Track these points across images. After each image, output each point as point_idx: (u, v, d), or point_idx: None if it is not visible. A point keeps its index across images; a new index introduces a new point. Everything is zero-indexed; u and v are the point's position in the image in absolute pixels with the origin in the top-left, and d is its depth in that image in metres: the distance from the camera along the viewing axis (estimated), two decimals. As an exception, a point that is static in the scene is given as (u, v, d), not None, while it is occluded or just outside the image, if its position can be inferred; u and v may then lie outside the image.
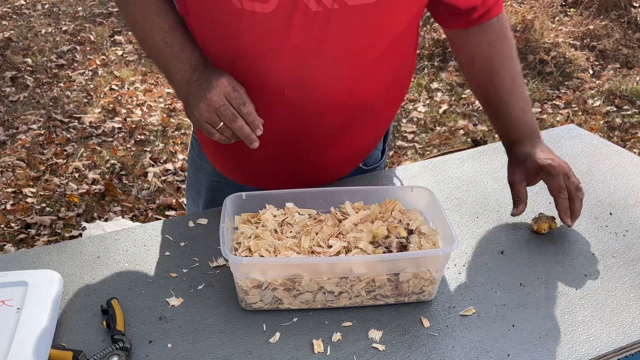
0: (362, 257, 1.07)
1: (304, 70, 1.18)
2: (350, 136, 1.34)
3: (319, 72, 1.19)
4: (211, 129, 1.15)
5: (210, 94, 1.12)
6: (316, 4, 1.10)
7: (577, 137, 1.68)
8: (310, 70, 1.18)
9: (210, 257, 1.21)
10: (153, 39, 1.21)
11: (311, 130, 1.29)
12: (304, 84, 1.19)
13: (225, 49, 1.20)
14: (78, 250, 1.25)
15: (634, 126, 3.95)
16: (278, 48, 1.15)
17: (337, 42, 1.15)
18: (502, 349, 1.01)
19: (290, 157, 1.35)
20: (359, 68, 1.21)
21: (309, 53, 1.16)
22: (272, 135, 1.23)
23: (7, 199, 3.23)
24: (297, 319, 1.07)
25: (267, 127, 1.17)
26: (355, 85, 1.24)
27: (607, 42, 4.93)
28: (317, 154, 1.35)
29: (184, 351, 1.01)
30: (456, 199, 1.42)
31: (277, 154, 1.33)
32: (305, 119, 1.26)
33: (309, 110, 1.24)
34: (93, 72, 4.74)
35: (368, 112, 1.31)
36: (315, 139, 1.31)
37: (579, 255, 1.23)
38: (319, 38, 1.14)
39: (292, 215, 1.18)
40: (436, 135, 3.85)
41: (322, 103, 1.23)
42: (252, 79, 1.19)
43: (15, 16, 5.77)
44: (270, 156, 1.33)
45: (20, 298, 1.04)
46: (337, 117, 1.28)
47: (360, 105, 1.28)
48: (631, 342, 1.03)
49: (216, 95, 1.12)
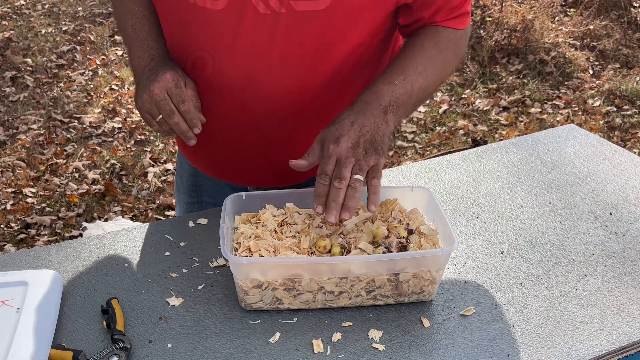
0: (362, 257, 1.07)
1: (253, 71, 1.18)
2: (310, 135, 1.25)
3: (269, 74, 1.18)
4: (151, 119, 1.19)
5: (153, 86, 1.16)
6: (264, 7, 1.11)
7: (577, 137, 1.68)
8: (260, 71, 1.18)
9: (210, 257, 1.21)
10: (125, 24, 1.29)
11: (266, 130, 1.28)
12: (254, 85, 1.20)
13: (182, 42, 1.24)
14: (78, 250, 1.25)
15: (634, 126, 3.95)
16: (229, 46, 1.16)
17: (287, 46, 1.15)
18: (502, 349, 1.01)
19: (249, 154, 1.35)
20: (315, 76, 1.20)
21: (259, 54, 1.16)
22: (228, 132, 1.28)
23: (7, 199, 3.23)
24: (297, 319, 1.07)
25: (221, 124, 1.26)
26: (313, 94, 1.22)
27: (607, 42, 4.93)
28: (275, 153, 1.33)
29: (184, 351, 1.01)
30: (456, 199, 1.42)
31: (235, 150, 1.34)
32: (257, 119, 1.26)
33: (259, 111, 1.24)
34: (93, 72, 4.74)
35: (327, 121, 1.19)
36: (273, 138, 1.30)
37: (579, 255, 1.24)
38: (268, 40, 1.14)
39: (291, 215, 1.18)
40: (436, 135, 3.85)
41: (272, 106, 1.22)
42: (204, 75, 1.22)
43: (15, 16, 5.77)
44: (229, 151, 1.34)
45: (20, 298, 1.04)
46: (291, 121, 1.26)
47: (319, 114, 1.25)
48: (631, 342, 1.04)
49: (158, 89, 1.15)
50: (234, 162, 1.38)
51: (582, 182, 1.48)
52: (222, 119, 1.26)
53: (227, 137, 1.30)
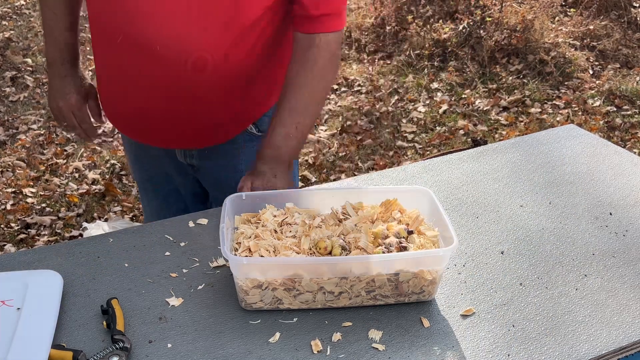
0: (362, 257, 1.07)
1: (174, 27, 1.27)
2: (229, 99, 1.40)
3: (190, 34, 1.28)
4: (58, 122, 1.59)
5: (60, 105, 1.53)
6: None
7: (577, 137, 1.68)
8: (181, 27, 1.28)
9: (210, 257, 1.21)
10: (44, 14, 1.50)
11: (187, 89, 1.35)
12: (176, 43, 1.29)
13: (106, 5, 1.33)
14: (78, 250, 1.25)
15: (634, 126, 3.95)
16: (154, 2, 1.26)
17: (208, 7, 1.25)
18: (502, 349, 1.01)
19: (171, 112, 1.41)
20: (231, 33, 1.29)
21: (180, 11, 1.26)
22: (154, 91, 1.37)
23: (7, 199, 3.23)
24: (297, 319, 1.07)
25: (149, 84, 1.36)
26: (229, 50, 1.31)
27: (607, 42, 4.93)
28: (196, 112, 1.41)
29: (184, 351, 1.01)
30: (456, 199, 1.42)
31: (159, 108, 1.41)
32: (179, 78, 1.33)
33: (182, 69, 1.31)
34: (93, 72, 4.74)
35: (246, 78, 1.38)
36: (194, 98, 1.37)
37: (579, 255, 1.24)
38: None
39: (291, 215, 1.18)
40: (436, 135, 3.85)
41: (195, 64, 1.31)
42: (130, 33, 1.30)
43: (15, 16, 5.77)
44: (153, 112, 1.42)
45: (20, 298, 1.04)
46: (211, 80, 1.34)
47: (236, 71, 1.35)
48: (631, 342, 1.04)
49: (65, 108, 1.54)
50: (154, 122, 1.45)
51: (582, 182, 1.48)
52: (144, 76, 1.35)
53: (149, 95, 1.38)
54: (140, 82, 1.37)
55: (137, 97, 1.40)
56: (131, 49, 1.32)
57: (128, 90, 1.41)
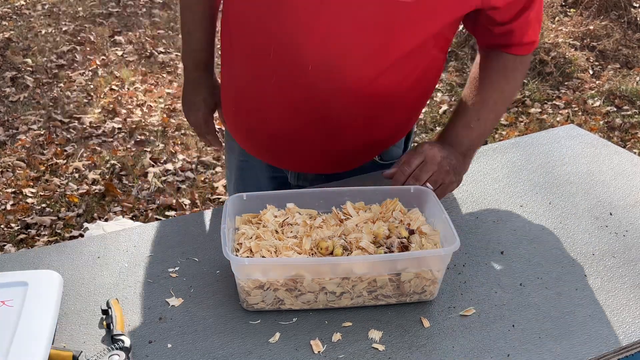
0: (364, 257, 1.07)
1: (329, 50, 1.23)
2: (369, 126, 1.38)
3: (346, 57, 1.24)
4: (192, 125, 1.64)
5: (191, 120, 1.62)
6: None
7: (577, 137, 1.68)
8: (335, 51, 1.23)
9: (211, 257, 1.21)
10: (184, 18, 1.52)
11: (330, 113, 1.32)
12: (330, 65, 1.24)
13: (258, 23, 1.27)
14: (78, 251, 1.25)
15: (634, 126, 3.95)
16: (312, 21, 1.20)
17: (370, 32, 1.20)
18: (502, 349, 1.01)
19: (307, 136, 1.38)
20: (386, 61, 1.25)
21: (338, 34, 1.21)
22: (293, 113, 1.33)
23: (7, 199, 3.23)
24: (297, 319, 1.07)
25: (290, 105, 1.32)
26: (380, 77, 1.27)
27: (607, 42, 4.93)
28: (332, 137, 1.38)
29: (184, 351, 1.01)
30: (456, 199, 1.42)
31: (294, 131, 1.37)
32: (326, 101, 1.29)
33: (330, 92, 1.28)
34: (93, 72, 4.74)
35: (390, 106, 1.35)
36: (333, 122, 1.34)
37: (579, 255, 1.24)
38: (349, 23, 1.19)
39: (292, 215, 1.18)
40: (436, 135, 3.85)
41: (344, 88, 1.27)
42: (284, 51, 1.25)
43: (15, 16, 5.77)
44: (286, 133, 1.38)
45: (20, 298, 1.04)
46: (357, 105, 1.31)
47: (382, 98, 1.31)
48: (631, 342, 1.04)
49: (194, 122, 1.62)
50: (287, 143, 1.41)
51: (582, 182, 1.48)
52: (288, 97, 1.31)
53: (288, 116, 1.35)
54: (281, 102, 1.33)
55: (274, 116, 1.36)
56: (280, 68, 1.28)
57: (264, 108, 1.37)
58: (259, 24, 1.28)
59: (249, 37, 1.31)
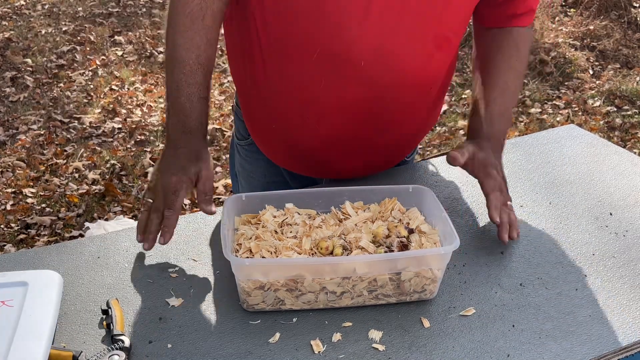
0: (364, 256, 1.07)
1: (383, 42, 1.20)
2: (411, 117, 1.37)
3: (401, 44, 1.21)
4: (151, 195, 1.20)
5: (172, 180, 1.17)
6: None
7: (577, 137, 1.68)
8: (389, 43, 1.21)
9: (210, 258, 1.21)
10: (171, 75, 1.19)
11: (385, 106, 1.29)
12: (385, 56, 1.21)
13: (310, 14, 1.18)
14: (78, 251, 1.25)
15: (634, 126, 3.95)
16: (362, 16, 1.17)
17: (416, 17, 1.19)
18: (502, 349, 1.01)
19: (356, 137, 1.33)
20: (430, 46, 1.25)
21: (390, 25, 1.18)
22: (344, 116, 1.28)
23: (7, 199, 3.23)
24: (297, 319, 1.07)
25: (341, 103, 1.26)
26: (426, 64, 1.27)
27: (607, 42, 4.93)
28: (382, 133, 1.35)
29: (184, 351, 1.01)
30: (456, 199, 1.42)
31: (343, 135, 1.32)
32: (378, 94, 1.26)
33: (385, 85, 1.25)
34: (93, 72, 4.74)
35: (430, 93, 1.35)
36: (385, 117, 1.31)
37: (579, 255, 1.23)
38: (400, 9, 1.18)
39: (291, 215, 1.18)
40: (436, 136, 3.85)
41: (396, 78, 1.25)
42: (332, 48, 1.19)
43: (15, 16, 5.77)
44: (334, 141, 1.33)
45: (20, 298, 1.04)
46: (406, 95, 1.29)
47: (427, 85, 1.31)
48: (631, 342, 1.03)
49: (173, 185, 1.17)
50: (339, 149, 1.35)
51: (582, 182, 1.48)
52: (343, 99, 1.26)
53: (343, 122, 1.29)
54: (332, 106, 1.26)
55: (324, 125, 1.29)
56: (329, 69, 1.21)
57: (310, 123, 1.28)
58: (296, 26, 1.19)
59: (284, 41, 1.22)
